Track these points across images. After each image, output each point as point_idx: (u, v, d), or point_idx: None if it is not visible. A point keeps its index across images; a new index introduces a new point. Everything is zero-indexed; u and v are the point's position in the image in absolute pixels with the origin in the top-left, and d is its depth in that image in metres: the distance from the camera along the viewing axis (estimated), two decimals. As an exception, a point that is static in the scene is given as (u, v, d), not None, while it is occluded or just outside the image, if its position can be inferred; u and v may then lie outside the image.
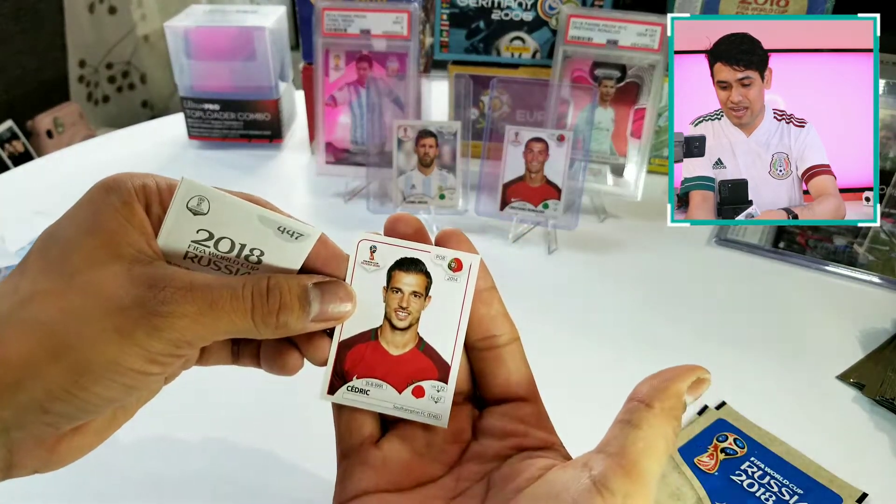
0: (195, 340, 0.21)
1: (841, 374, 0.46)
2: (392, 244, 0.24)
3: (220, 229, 0.24)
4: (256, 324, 0.22)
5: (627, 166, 0.65)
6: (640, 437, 0.20)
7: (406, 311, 0.24)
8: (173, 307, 0.21)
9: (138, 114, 1.86)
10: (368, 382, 0.24)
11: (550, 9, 0.66)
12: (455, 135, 0.60)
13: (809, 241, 0.60)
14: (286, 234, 0.24)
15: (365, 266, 0.24)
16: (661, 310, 0.53)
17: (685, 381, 0.22)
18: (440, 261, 0.24)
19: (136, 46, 1.80)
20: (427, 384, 0.24)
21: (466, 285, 0.24)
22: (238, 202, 0.24)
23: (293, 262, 0.24)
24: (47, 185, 0.71)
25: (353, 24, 0.64)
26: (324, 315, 0.23)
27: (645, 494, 0.19)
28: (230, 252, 0.24)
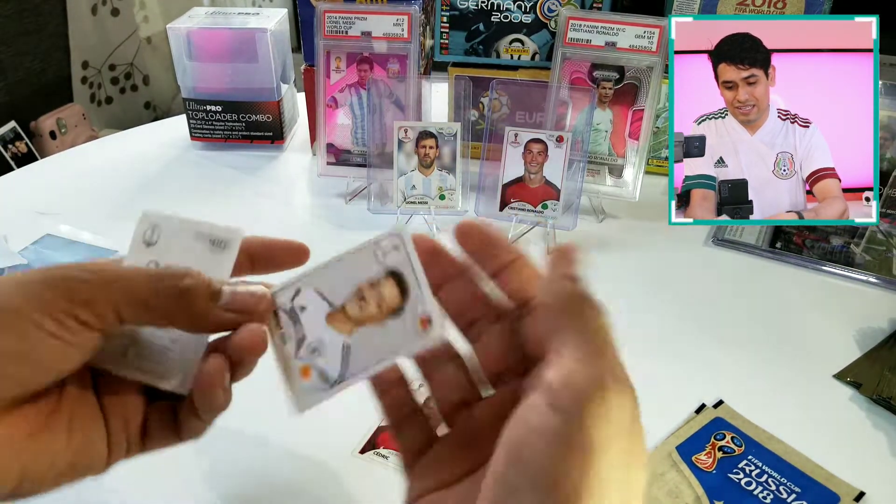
0: (99, 306, 0.22)
1: (838, 373, 0.46)
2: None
3: (165, 256, 0.25)
4: (158, 290, 0.22)
5: (626, 167, 0.65)
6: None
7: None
8: (72, 269, 0.22)
9: (141, 115, 1.86)
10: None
11: (549, 11, 0.66)
12: (455, 136, 0.61)
13: (806, 241, 0.61)
14: (216, 247, 0.25)
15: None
16: (658, 309, 0.53)
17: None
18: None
19: (138, 48, 1.80)
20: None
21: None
22: (181, 221, 0.25)
23: (221, 274, 0.25)
24: (50, 186, 0.71)
25: (353, 26, 0.65)
26: (235, 303, 0.23)
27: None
28: None
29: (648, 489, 0.38)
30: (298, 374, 0.24)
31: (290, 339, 0.25)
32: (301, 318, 0.25)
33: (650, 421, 0.44)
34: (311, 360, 0.24)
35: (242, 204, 0.67)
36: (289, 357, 0.24)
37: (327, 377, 0.24)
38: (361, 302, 0.24)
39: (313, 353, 0.24)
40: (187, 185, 0.71)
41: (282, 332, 0.25)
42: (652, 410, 0.46)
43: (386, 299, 0.24)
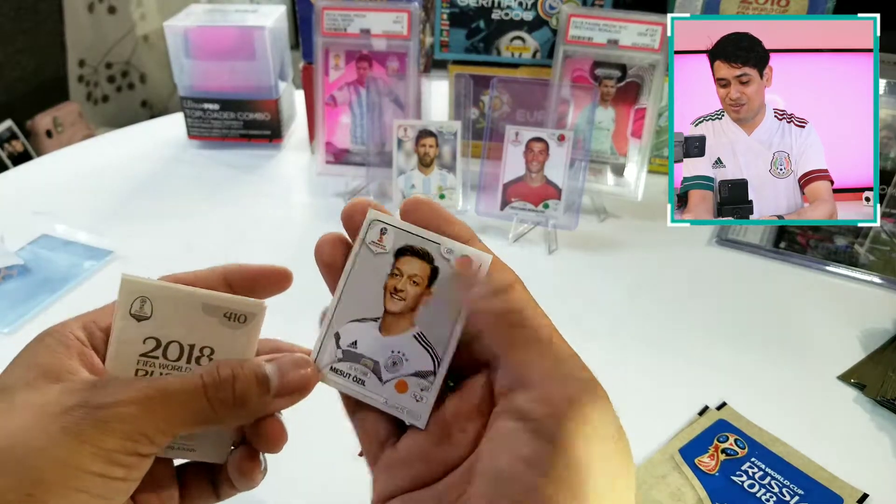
0: (151, 432, 0.20)
1: (842, 374, 0.46)
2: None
3: (167, 332, 0.23)
4: (212, 401, 0.21)
5: (628, 166, 0.65)
6: None
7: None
8: (118, 397, 0.20)
9: (138, 113, 1.86)
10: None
11: (551, 8, 0.66)
12: (455, 134, 0.60)
13: (810, 241, 0.60)
14: (233, 321, 0.23)
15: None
16: (661, 310, 0.53)
17: None
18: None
19: (135, 46, 1.79)
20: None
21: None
22: (181, 293, 0.23)
23: (245, 351, 0.23)
24: (47, 185, 0.71)
25: (352, 23, 0.64)
26: (286, 386, 0.22)
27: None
28: (180, 359, 0.23)
29: (650, 491, 0.38)
30: (398, 395, 0.23)
31: (367, 373, 0.23)
32: (360, 351, 0.24)
33: (652, 422, 0.44)
34: (397, 373, 0.23)
35: (240, 203, 0.67)
36: (378, 389, 0.23)
37: (424, 373, 0.23)
38: (399, 294, 0.23)
39: (395, 366, 0.23)
40: (184, 184, 0.71)
41: (353, 377, 0.23)
42: (654, 412, 0.46)
43: (417, 273, 0.23)
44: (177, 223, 0.63)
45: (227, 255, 0.60)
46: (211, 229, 0.63)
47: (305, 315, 0.26)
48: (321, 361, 0.24)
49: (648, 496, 0.37)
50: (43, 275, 0.55)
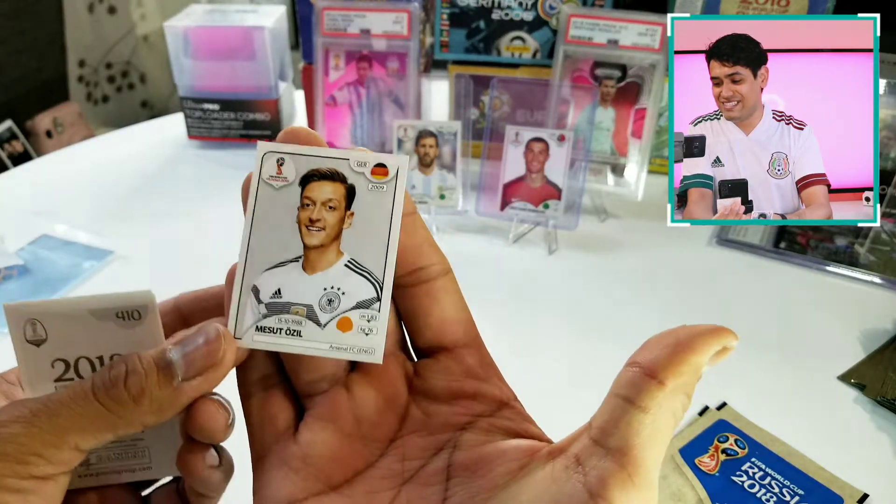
0: (42, 449, 0.18)
1: (842, 374, 0.46)
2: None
3: (70, 350, 0.21)
4: (105, 403, 0.18)
5: (628, 166, 0.65)
6: (646, 424, 0.16)
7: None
8: (1, 419, 0.18)
9: (138, 114, 1.86)
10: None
11: (551, 8, 0.66)
12: (455, 135, 0.60)
13: (810, 241, 0.60)
14: (129, 319, 0.21)
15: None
16: (662, 310, 0.53)
17: (709, 349, 0.16)
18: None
19: (135, 46, 1.79)
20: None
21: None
22: (64, 304, 0.20)
23: (152, 347, 0.21)
24: (47, 186, 0.71)
25: (352, 23, 0.64)
26: (194, 365, 0.19)
27: (650, 495, 0.16)
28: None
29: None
30: (343, 335, 0.20)
31: (301, 322, 0.20)
32: (287, 299, 0.20)
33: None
34: (337, 311, 0.20)
35: (240, 203, 0.67)
36: (318, 335, 0.20)
37: (367, 302, 0.20)
38: (316, 225, 0.20)
39: (331, 304, 0.20)
40: (184, 184, 0.71)
41: (285, 329, 0.20)
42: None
43: (332, 196, 0.20)
44: (177, 223, 0.63)
45: (226, 255, 0.60)
46: (211, 229, 0.63)
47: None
48: (242, 324, 0.20)
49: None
50: (43, 275, 0.55)
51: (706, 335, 0.16)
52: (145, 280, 0.55)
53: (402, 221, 0.20)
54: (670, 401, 0.16)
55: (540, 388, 0.27)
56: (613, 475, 0.16)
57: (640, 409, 0.16)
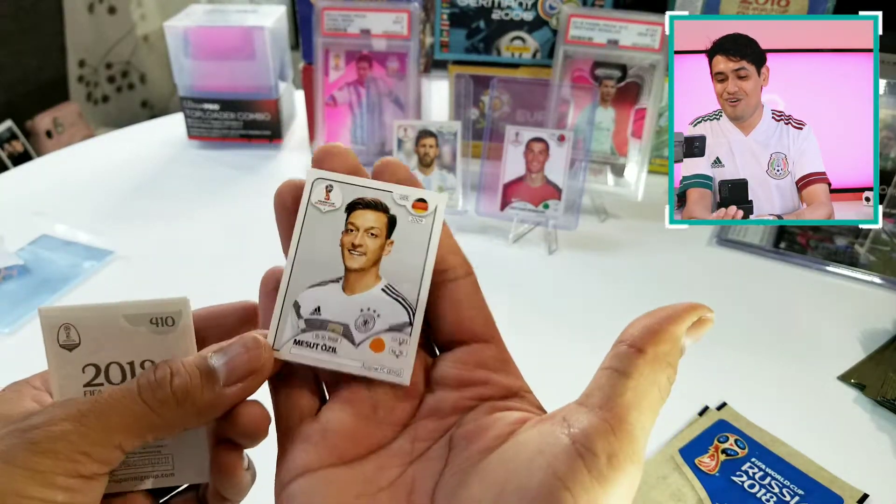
0: (90, 448, 0.18)
1: (842, 374, 0.46)
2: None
3: (102, 355, 0.21)
4: (150, 404, 0.19)
5: (628, 166, 0.65)
6: (629, 387, 0.17)
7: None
8: (47, 417, 0.19)
9: (138, 114, 1.86)
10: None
11: (551, 8, 0.66)
12: (455, 135, 0.60)
13: (810, 241, 0.60)
14: (162, 325, 0.21)
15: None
16: (661, 310, 0.53)
17: (684, 322, 0.18)
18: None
19: (135, 46, 1.79)
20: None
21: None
22: (100, 309, 0.21)
23: (186, 353, 0.21)
24: (47, 186, 0.71)
25: (352, 23, 0.64)
26: (235, 372, 0.20)
27: (633, 453, 0.17)
28: (124, 379, 0.21)
29: (650, 492, 0.38)
30: (375, 355, 0.21)
31: (337, 339, 0.21)
32: (325, 317, 0.21)
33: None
34: (371, 332, 0.21)
35: (240, 203, 0.67)
36: (352, 353, 0.21)
37: (399, 326, 0.21)
38: (358, 249, 0.22)
39: (367, 325, 0.21)
40: (184, 184, 0.71)
41: (322, 345, 0.21)
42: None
43: (374, 224, 0.22)
44: (177, 223, 0.63)
45: (226, 255, 0.60)
46: (211, 229, 0.63)
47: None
48: (281, 337, 0.21)
49: (649, 496, 0.37)
50: (43, 275, 0.55)
51: (681, 308, 0.18)
52: (145, 280, 0.55)
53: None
54: (653, 370, 0.17)
55: (539, 388, 0.27)
56: (595, 427, 0.17)
57: (623, 374, 0.17)
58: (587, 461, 0.16)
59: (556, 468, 0.16)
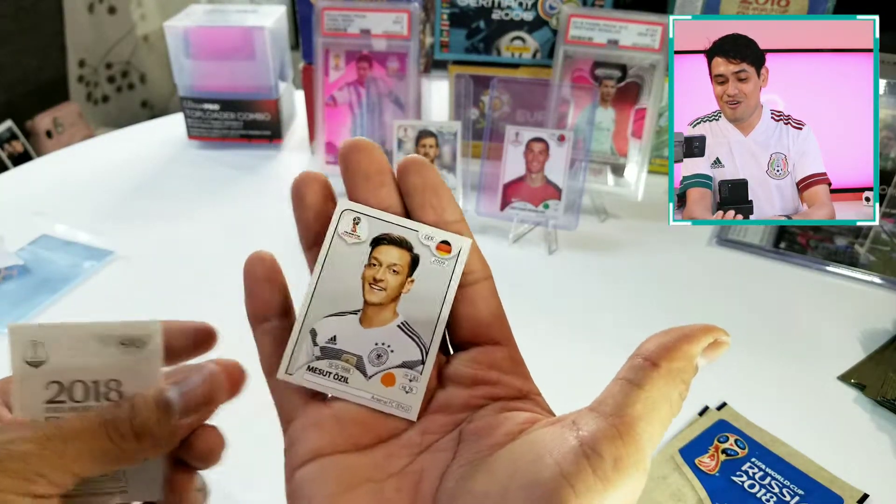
0: (49, 471, 0.19)
1: (842, 374, 0.46)
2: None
3: (68, 373, 0.21)
4: (113, 439, 0.20)
5: (628, 166, 0.65)
6: (640, 398, 0.18)
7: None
8: (10, 436, 0.19)
9: (138, 114, 1.86)
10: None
11: (551, 8, 0.66)
12: (455, 135, 0.60)
13: (810, 241, 0.60)
14: (131, 347, 0.22)
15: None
16: (661, 310, 0.53)
17: (700, 342, 0.19)
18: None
19: (135, 46, 1.79)
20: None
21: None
22: (71, 328, 0.21)
23: (150, 377, 0.22)
24: (46, 186, 0.71)
25: (353, 23, 0.64)
26: (190, 404, 0.21)
27: (639, 461, 0.17)
28: (87, 398, 0.22)
29: (650, 493, 0.38)
30: (385, 389, 0.22)
31: (349, 370, 0.22)
32: (340, 346, 0.22)
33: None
34: (383, 366, 0.22)
35: (240, 203, 0.67)
36: (363, 385, 0.22)
37: (412, 363, 0.22)
38: (378, 284, 0.22)
39: (380, 359, 0.22)
40: (185, 184, 0.71)
41: (334, 374, 0.22)
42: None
43: (397, 261, 0.22)
44: (177, 223, 0.63)
45: (227, 255, 0.60)
46: (211, 229, 0.63)
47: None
48: (295, 362, 0.22)
49: (649, 497, 0.37)
50: (43, 275, 0.55)
51: (698, 329, 0.19)
52: (145, 280, 0.55)
53: (448, 228, 0.22)
54: (666, 384, 0.18)
55: (539, 387, 0.27)
56: (604, 431, 0.17)
57: (636, 385, 0.18)
58: (593, 462, 0.16)
59: (562, 467, 0.17)
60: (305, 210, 0.22)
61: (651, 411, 0.18)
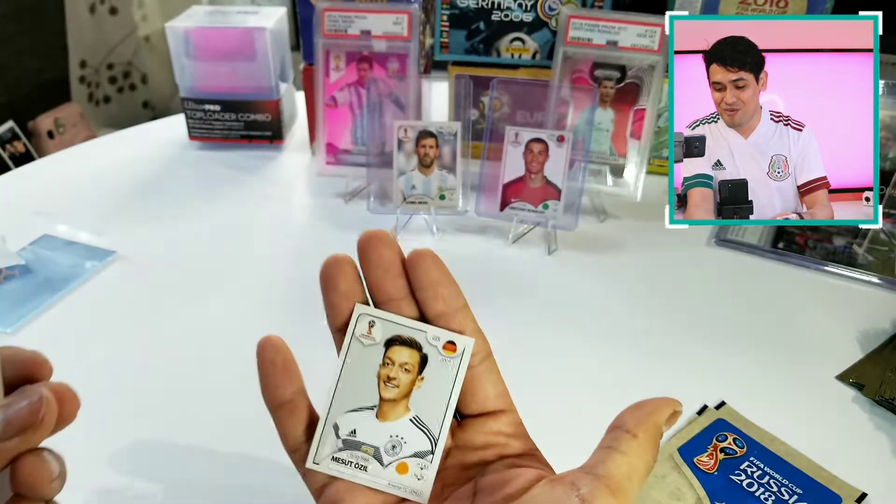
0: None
1: (840, 374, 0.46)
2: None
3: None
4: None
5: (627, 167, 0.65)
6: (625, 463, 0.22)
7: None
8: None
9: (139, 114, 1.86)
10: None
11: (550, 9, 0.66)
12: (455, 135, 0.60)
13: (809, 241, 0.60)
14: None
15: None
16: (660, 310, 0.53)
17: (664, 414, 0.24)
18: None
19: (137, 47, 1.80)
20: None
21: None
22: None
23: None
24: (48, 186, 0.71)
25: (353, 24, 0.64)
26: (13, 426, 0.20)
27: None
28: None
29: (649, 491, 0.38)
30: (400, 476, 0.25)
31: (368, 459, 0.25)
32: (359, 439, 0.25)
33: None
34: (397, 456, 0.25)
35: (241, 204, 0.67)
36: (380, 473, 0.25)
37: (423, 453, 0.25)
38: (392, 382, 0.25)
39: (394, 449, 0.25)
40: (185, 184, 0.71)
41: (355, 464, 0.25)
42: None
43: (408, 361, 0.25)
44: (178, 224, 0.64)
45: (228, 255, 0.60)
46: (212, 230, 0.63)
47: (306, 317, 0.26)
48: (322, 452, 0.25)
49: (648, 496, 0.37)
50: (44, 275, 0.55)
51: (660, 402, 0.24)
52: (146, 280, 0.56)
53: (455, 316, 0.25)
54: (643, 450, 0.23)
55: (539, 387, 0.27)
56: (600, 490, 0.21)
57: (620, 452, 0.22)
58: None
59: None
60: (337, 295, 0.25)
61: (633, 472, 0.22)
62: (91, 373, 0.45)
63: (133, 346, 0.48)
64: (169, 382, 0.45)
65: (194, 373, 0.45)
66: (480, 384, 0.26)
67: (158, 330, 0.50)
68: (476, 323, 0.26)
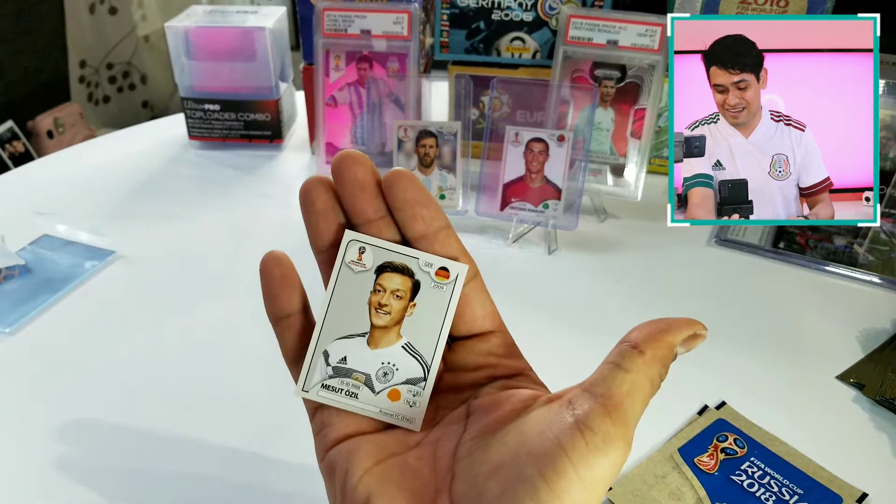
0: None
1: (841, 374, 0.46)
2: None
3: None
4: None
5: (627, 166, 0.65)
6: (627, 380, 0.21)
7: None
8: None
9: (139, 114, 1.86)
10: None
11: (550, 9, 0.66)
12: (455, 135, 0.60)
13: (809, 241, 0.60)
14: None
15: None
16: (661, 310, 0.53)
17: (680, 333, 0.23)
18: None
19: (136, 47, 1.80)
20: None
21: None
22: None
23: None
24: (48, 186, 0.71)
25: (353, 24, 0.64)
26: None
27: (624, 434, 0.20)
28: None
29: (649, 491, 0.38)
30: (392, 403, 0.24)
31: (359, 387, 0.24)
32: (350, 366, 0.24)
33: (652, 422, 0.44)
34: (389, 383, 0.24)
35: (241, 204, 0.67)
36: (371, 400, 0.24)
37: (415, 380, 0.24)
38: (383, 308, 0.24)
39: (386, 376, 0.24)
40: (185, 184, 0.71)
41: (345, 391, 0.24)
42: (653, 411, 0.46)
43: (400, 287, 0.24)
44: (178, 224, 0.64)
45: (228, 254, 0.60)
46: (212, 229, 0.63)
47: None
48: (311, 380, 0.24)
49: (648, 496, 0.37)
50: (44, 275, 0.55)
51: (680, 321, 0.23)
52: (146, 280, 0.56)
53: (437, 236, 0.24)
54: (649, 368, 0.21)
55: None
56: (596, 410, 0.20)
57: (623, 369, 0.21)
58: (586, 436, 0.19)
59: (560, 440, 0.19)
60: (315, 215, 0.24)
61: (635, 392, 0.21)
62: (91, 372, 0.45)
63: (133, 346, 0.48)
64: (169, 382, 0.45)
65: (194, 372, 0.45)
66: (469, 305, 0.25)
67: (158, 329, 0.50)
68: (461, 243, 0.25)
